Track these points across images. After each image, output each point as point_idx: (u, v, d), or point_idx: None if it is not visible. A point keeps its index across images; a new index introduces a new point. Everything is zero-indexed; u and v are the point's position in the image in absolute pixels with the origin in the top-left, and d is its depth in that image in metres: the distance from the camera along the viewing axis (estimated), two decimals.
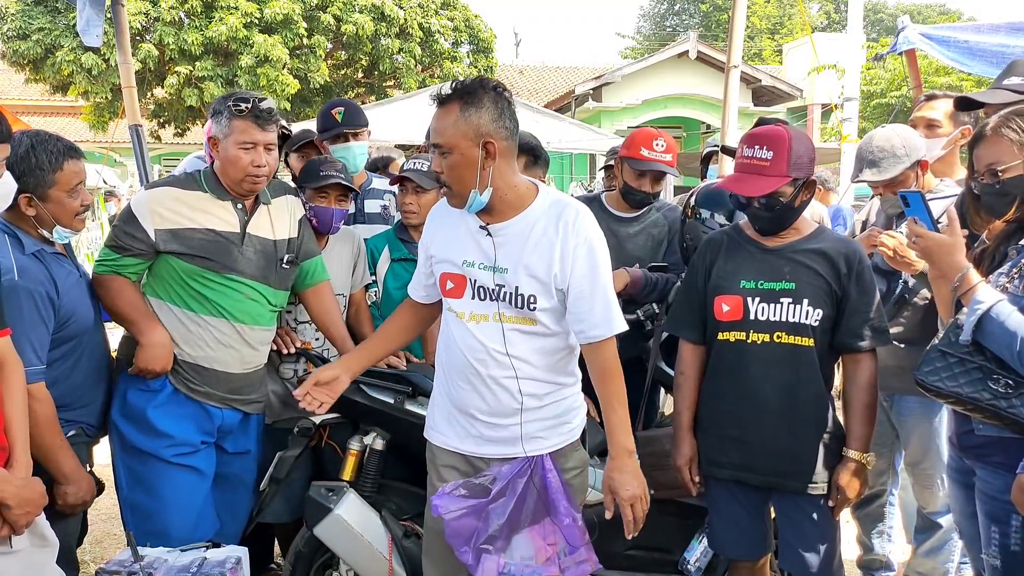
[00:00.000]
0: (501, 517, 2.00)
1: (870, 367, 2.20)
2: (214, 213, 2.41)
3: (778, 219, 2.19)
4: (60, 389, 2.21)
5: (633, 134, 3.03)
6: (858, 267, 2.17)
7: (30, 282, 2.08)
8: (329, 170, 2.76)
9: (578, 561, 2.05)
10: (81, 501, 2.18)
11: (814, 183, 2.21)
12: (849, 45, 8.41)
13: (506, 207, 1.99)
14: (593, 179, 15.16)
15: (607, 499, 2.04)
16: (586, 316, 1.97)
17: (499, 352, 2.00)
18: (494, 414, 2.04)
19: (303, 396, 2.12)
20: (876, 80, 17.91)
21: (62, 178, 2.15)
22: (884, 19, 31.14)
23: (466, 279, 2.03)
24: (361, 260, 2.98)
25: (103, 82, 14.91)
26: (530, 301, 1.97)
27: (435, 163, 1.96)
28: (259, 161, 2.37)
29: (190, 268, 2.36)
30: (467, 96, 1.91)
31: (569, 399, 2.11)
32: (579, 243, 1.95)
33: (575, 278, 1.95)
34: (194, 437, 2.41)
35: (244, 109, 2.34)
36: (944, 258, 1.87)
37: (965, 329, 1.80)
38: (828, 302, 2.17)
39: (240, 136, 2.35)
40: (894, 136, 2.71)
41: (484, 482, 2.04)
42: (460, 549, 2.02)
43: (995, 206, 1.92)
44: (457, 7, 17.86)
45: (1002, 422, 1.80)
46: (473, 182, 1.92)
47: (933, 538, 2.88)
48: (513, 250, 1.98)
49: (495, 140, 1.91)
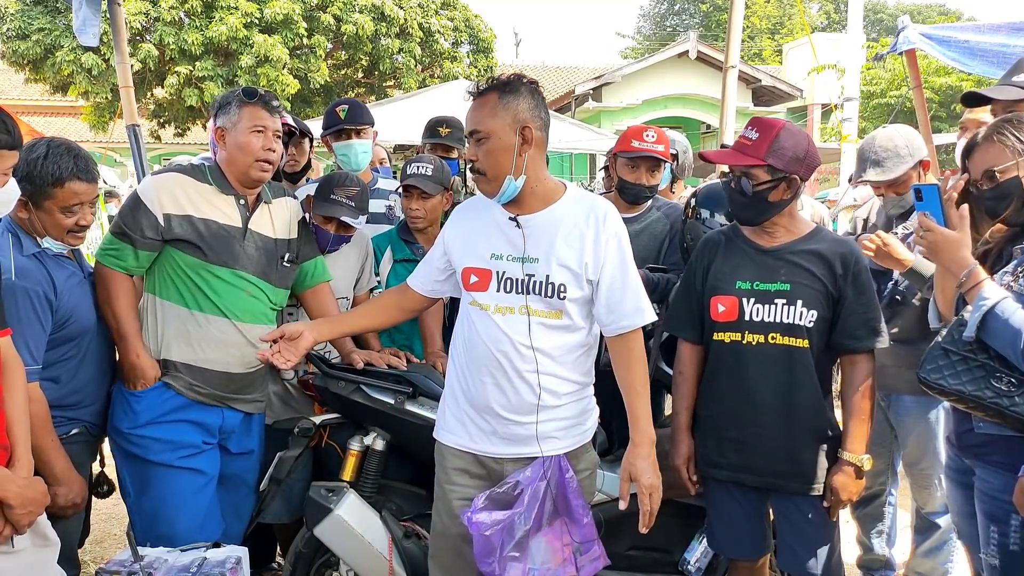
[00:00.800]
0: (526, 524, 2.01)
1: (867, 368, 2.20)
2: (217, 206, 2.41)
3: (752, 206, 2.18)
4: (65, 388, 2.23)
5: (624, 132, 3.06)
6: (855, 268, 2.16)
7: (27, 282, 2.09)
8: (341, 196, 2.68)
9: (592, 558, 2.07)
10: (71, 503, 2.15)
11: (797, 184, 2.16)
12: (849, 45, 8.43)
13: (535, 200, 2.04)
14: (593, 179, 15.16)
15: (624, 487, 2.06)
16: (617, 307, 2.03)
17: (524, 345, 2.02)
18: (514, 410, 2.05)
19: (271, 351, 2.20)
20: (876, 80, 17.92)
21: (60, 194, 2.15)
22: (884, 19, 31.13)
23: (492, 273, 2.06)
24: (368, 264, 2.98)
25: (103, 82, 14.90)
26: (560, 290, 2.00)
27: (469, 151, 2.01)
28: (270, 145, 2.40)
29: (193, 261, 2.36)
30: (505, 86, 1.98)
31: (585, 400, 2.14)
32: (610, 237, 2.01)
33: (607, 270, 2.01)
34: (195, 439, 2.40)
35: (253, 94, 2.40)
36: (950, 253, 1.86)
37: (969, 325, 1.79)
38: (823, 303, 2.16)
39: (250, 121, 2.38)
40: (897, 136, 2.72)
41: (508, 490, 2.04)
42: (485, 560, 2.01)
43: (995, 208, 1.94)
44: (457, 7, 17.84)
45: (1004, 420, 1.80)
46: (509, 167, 1.97)
47: (932, 538, 2.88)
48: (543, 240, 2.02)
49: (532, 127, 1.97)
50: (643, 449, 2.04)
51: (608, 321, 2.05)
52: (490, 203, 2.08)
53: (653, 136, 2.94)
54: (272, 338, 2.23)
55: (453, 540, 2.13)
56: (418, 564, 2.49)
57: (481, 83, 2.02)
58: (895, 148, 2.68)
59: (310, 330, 2.25)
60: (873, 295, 2.20)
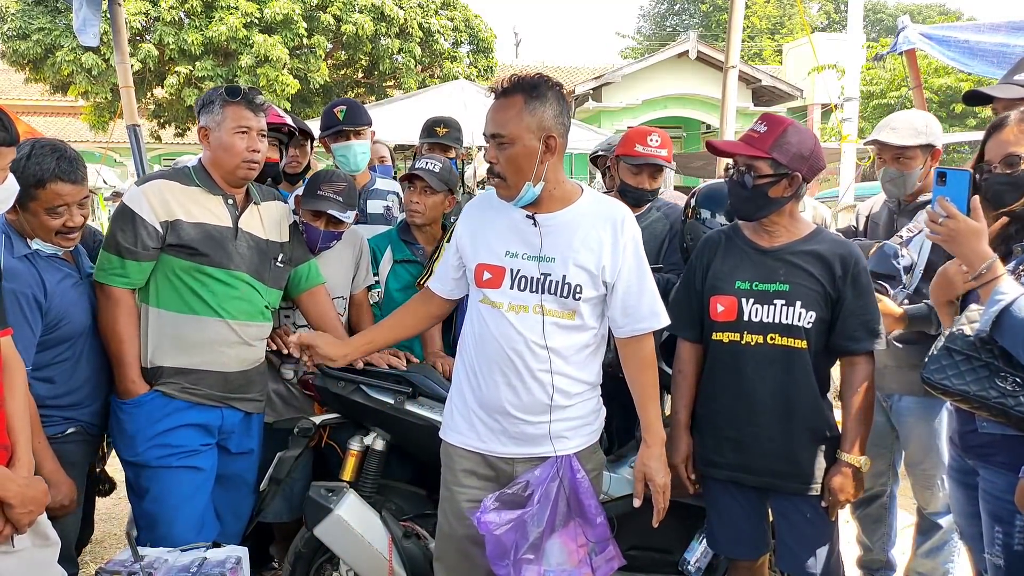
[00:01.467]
0: (540, 525, 2.01)
1: (865, 370, 2.19)
2: (206, 207, 2.39)
3: (751, 201, 2.17)
4: (60, 388, 2.23)
5: (627, 133, 3.04)
6: (854, 269, 2.15)
7: (15, 284, 2.08)
8: (328, 191, 2.68)
9: (608, 559, 2.08)
10: (58, 504, 2.09)
11: (798, 182, 2.16)
12: (849, 45, 8.42)
13: (553, 201, 2.04)
14: (593, 179, 15.15)
15: (638, 486, 2.10)
16: (634, 311, 2.05)
17: (538, 344, 2.02)
18: (526, 410, 2.05)
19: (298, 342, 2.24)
20: (876, 80, 17.89)
21: (44, 195, 2.11)
22: (884, 19, 31.12)
23: (506, 270, 2.05)
24: (364, 261, 2.96)
25: (103, 82, 14.88)
26: (576, 290, 2.01)
27: (490, 154, 1.99)
28: (254, 145, 2.38)
29: (187, 264, 2.35)
30: (532, 90, 1.95)
31: (594, 400, 2.16)
32: (627, 240, 2.03)
33: (624, 273, 2.03)
34: (193, 442, 2.39)
35: (236, 93, 2.37)
36: (971, 244, 1.81)
37: (983, 320, 1.76)
38: (822, 304, 2.15)
39: (234, 122, 2.36)
40: (918, 117, 2.77)
41: (518, 491, 2.05)
42: (500, 563, 2.01)
43: (1003, 196, 1.89)
44: (457, 7, 17.83)
45: (1009, 420, 1.78)
46: (529, 175, 1.96)
47: (933, 538, 2.88)
48: (560, 240, 2.02)
49: (556, 136, 1.96)
50: (656, 450, 2.10)
51: (623, 323, 2.06)
52: (501, 201, 2.07)
53: (657, 141, 2.93)
54: (305, 344, 2.24)
55: (460, 542, 2.12)
56: (418, 564, 2.49)
57: (505, 82, 1.99)
58: (912, 123, 2.72)
59: (350, 348, 2.28)
60: (872, 297, 2.19)
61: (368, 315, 2.96)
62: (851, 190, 7.15)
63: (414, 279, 2.95)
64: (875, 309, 2.18)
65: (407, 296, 2.98)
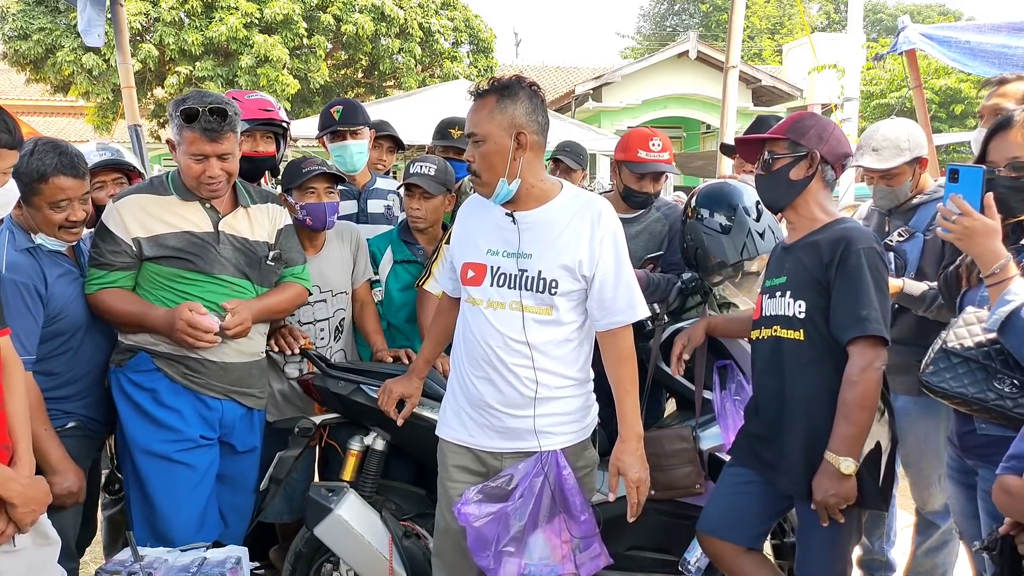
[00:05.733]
0: (521, 519, 2.02)
1: (856, 363, 2.00)
2: (184, 215, 2.39)
3: (775, 185, 2.16)
4: (58, 380, 2.27)
5: (627, 136, 2.99)
6: (843, 253, 2.02)
7: (17, 275, 2.13)
8: (309, 166, 2.75)
9: (592, 556, 2.08)
10: (67, 491, 2.14)
11: (818, 162, 2.09)
12: (849, 45, 8.42)
13: (531, 199, 2.07)
14: (593, 179, 15.14)
15: (612, 481, 2.10)
16: (610, 304, 2.06)
17: (515, 340, 2.05)
18: (508, 404, 2.07)
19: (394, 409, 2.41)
20: (876, 80, 17.89)
21: (46, 190, 2.17)
22: (884, 19, 31.09)
23: (487, 267, 2.09)
24: (361, 254, 2.97)
25: (104, 82, 14.90)
26: (552, 286, 2.03)
27: (468, 152, 2.04)
28: (211, 173, 2.33)
29: (171, 272, 2.36)
30: (504, 90, 2.00)
31: (582, 397, 2.16)
32: (605, 234, 2.04)
33: (601, 267, 2.04)
34: (194, 431, 2.39)
35: (192, 118, 2.28)
36: (984, 242, 1.77)
37: (991, 320, 1.74)
38: (812, 293, 2.07)
39: (189, 147, 2.31)
40: (900, 129, 2.74)
41: (502, 484, 2.06)
42: (481, 554, 2.03)
43: (1011, 202, 1.83)
44: (457, 7, 17.82)
45: (1009, 422, 1.77)
46: (503, 171, 1.99)
47: (932, 538, 2.88)
48: (538, 236, 2.05)
49: (527, 132, 1.99)
50: (630, 444, 2.09)
51: (600, 316, 2.08)
52: (489, 201, 2.10)
53: (659, 145, 2.90)
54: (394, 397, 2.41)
55: (455, 536, 2.15)
56: (418, 564, 2.50)
57: (481, 84, 2.04)
58: (895, 140, 2.70)
59: (419, 379, 2.44)
60: (864, 284, 2.01)
61: (372, 311, 2.96)
62: (851, 190, 7.15)
63: (414, 279, 2.95)
64: (864, 295, 2.00)
65: (407, 296, 2.99)
